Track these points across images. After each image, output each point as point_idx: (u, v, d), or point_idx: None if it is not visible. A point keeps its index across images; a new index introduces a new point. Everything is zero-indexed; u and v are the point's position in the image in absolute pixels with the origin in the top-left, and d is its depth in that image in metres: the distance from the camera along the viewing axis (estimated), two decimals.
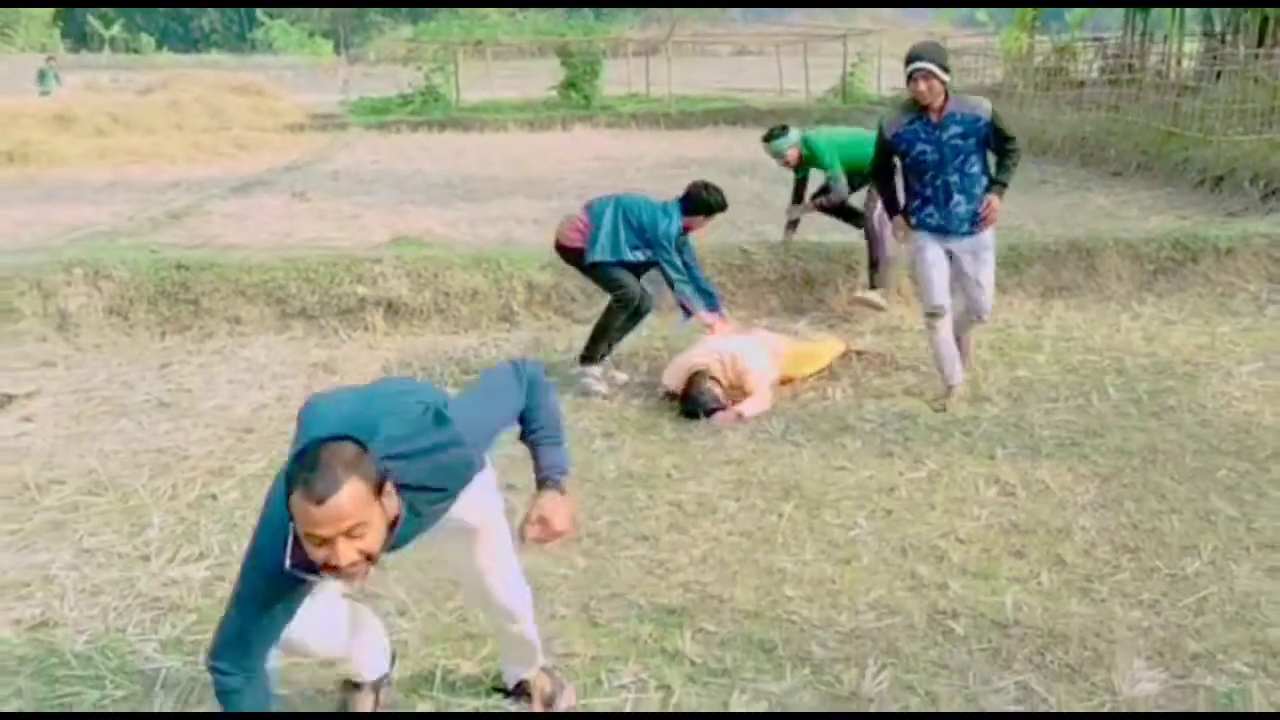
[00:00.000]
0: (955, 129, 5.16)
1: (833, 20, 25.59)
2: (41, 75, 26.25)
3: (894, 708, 2.98)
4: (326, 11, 68.62)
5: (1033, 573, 3.74)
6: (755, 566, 3.84)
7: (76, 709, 3.08)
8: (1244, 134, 11.60)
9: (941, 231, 5.32)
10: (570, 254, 5.92)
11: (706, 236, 6.61)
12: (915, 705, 2.99)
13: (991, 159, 5.39)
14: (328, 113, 22.61)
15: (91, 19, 63.86)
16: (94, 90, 25.82)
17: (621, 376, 5.94)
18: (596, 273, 5.85)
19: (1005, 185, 5.30)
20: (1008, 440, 4.97)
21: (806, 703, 3.03)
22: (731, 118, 21.32)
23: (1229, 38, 15.81)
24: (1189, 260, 7.56)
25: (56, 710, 3.08)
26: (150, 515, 4.30)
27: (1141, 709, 2.94)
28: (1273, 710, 2.93)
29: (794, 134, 7.13)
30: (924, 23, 32.59)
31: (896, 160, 5.44)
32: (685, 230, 5.83)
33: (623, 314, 5.82)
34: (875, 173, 5.60)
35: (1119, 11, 17.36)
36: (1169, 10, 16.67)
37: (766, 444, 5.02)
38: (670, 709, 3.02)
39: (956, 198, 5.24)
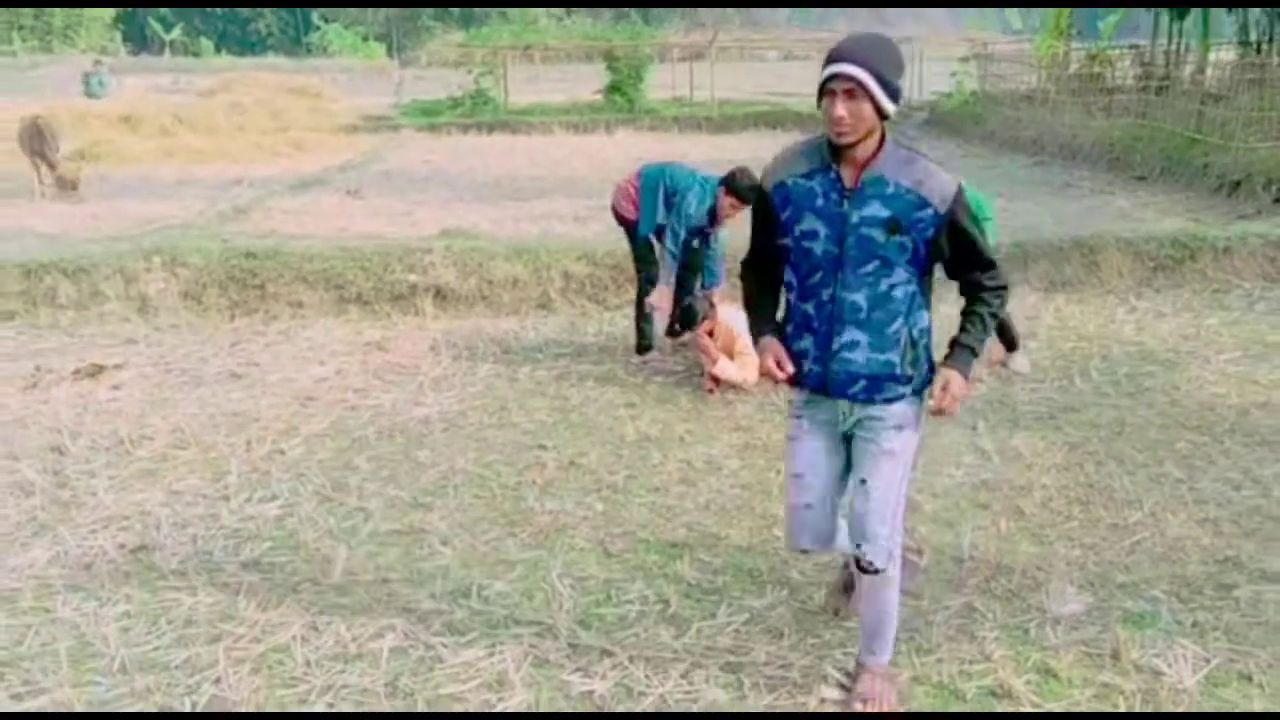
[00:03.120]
0: (877, 208, 2.80)
1: (875, 26, 25.96)
2: (87, 79, 27.19)
3: (853, 621, 3.53)
4: (380, 15, 69.89)
5: (993, 521, 4.28)
6: (751, 513, 4.41)
7: (174, 611, 3.70)
8: (1262, 140, 11.96)
9: (820, 390, 2.98)
10: (624, 223, 6.43)
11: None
12: None
13: (943, 293, 3.13)
14: (380, 114, 23.45)
15: (152, 22, 65.56)
16: (156, 92, 26.92)
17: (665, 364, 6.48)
18: (635, 245, 6.43)
19: (974, 354, 2.96)
20: (990, 415, 5.49)
21: (782, 615, 3.59)
22: (772, 121, 21.87)
23: (1264, 47, 16.10)
24: (1188, 258, 8.02)
25: (156, 612, 3.71)
26: (229, 465, 4.95)
27: (1064, 627, 3.47)
28: (1177, 626, 3.46)
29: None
30: (963, 30, 32.95)
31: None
32: (715, 213, 6.10)
33: (645, 291, 6.39)
34: (746, 262, 3.15)
35: (1150, 21, 17.69)
36: (1202, 19, 16.96)
37: (773, 414, 5.58)
38: (667, 619, 3.59)
39: (851, 334, 2.88)
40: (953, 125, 20.62)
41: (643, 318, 6.46)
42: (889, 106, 2.72)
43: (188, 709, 3.14)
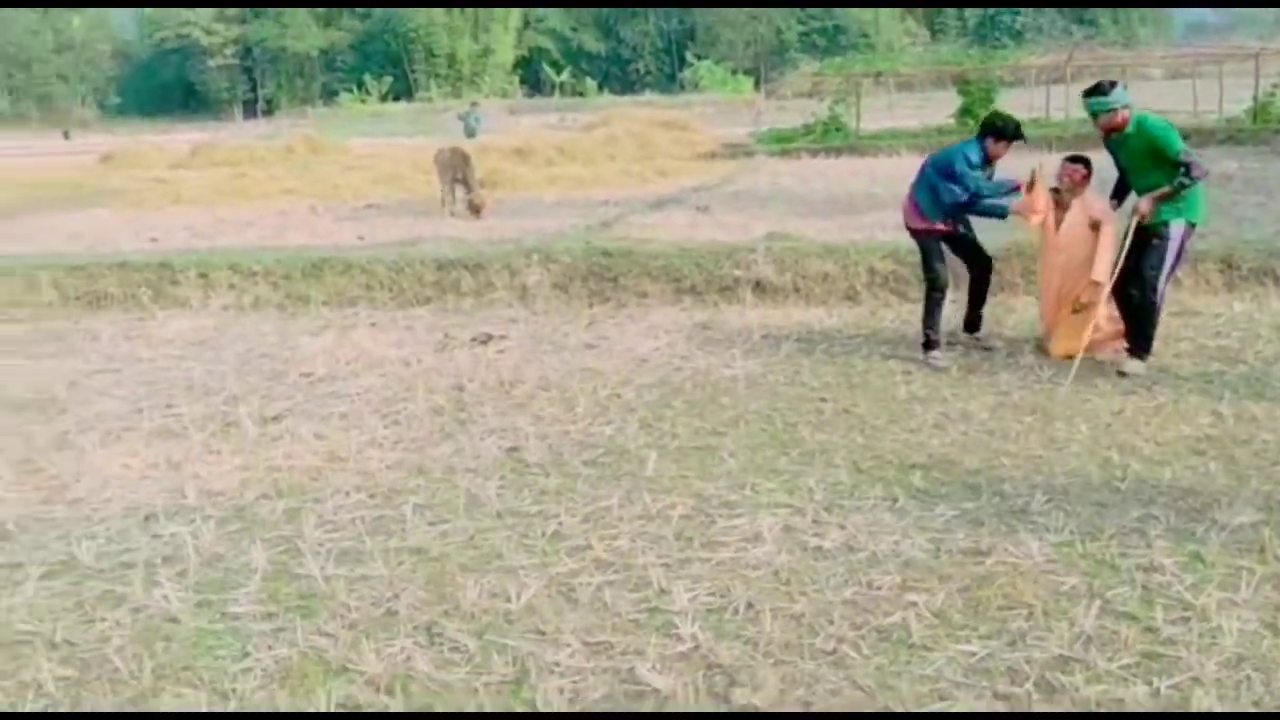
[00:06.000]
0: None
1: (1250, 40, 24.70)
2: (465, 119, 30.81)
3: (1044, 520, 4.35)
4: (749, 50, 72.95)
5: (1202, 463, 4.89)
6: (987, 449, 5.27)
7: (533, 486, 5.10)
8: None
9: None
10: (914, 234, 7.25)
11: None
12: (1060, 519, 4.34)
13: None
14: (738, 143, 25.22)
15: (545, 66, 72.35)
16: (545, 129, 30.25)
17: (942, 362, 7.02)
18: (923, 254, 7.15)
19: None
20: (1241, 388, 5.96)
21: (987, 512, 4.47)
22: None
23: None
24: None
25: (521, 485, 5.13)
26: (578, 401, 6.38)
27: (1228, 532, 4.12)
28: None
29: (1126, 93, 6.35)
30: None
31: None
32: (989, 158, 6.81)
33: (931, 298, 7.03)
34: None
35: None
36: None
37: (1032, 382, 6.34)
38: (894, 510, 4.57)
39: None
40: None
41: (930, 317, 7.00)
42: None
43: (537, 537, 4.50)
